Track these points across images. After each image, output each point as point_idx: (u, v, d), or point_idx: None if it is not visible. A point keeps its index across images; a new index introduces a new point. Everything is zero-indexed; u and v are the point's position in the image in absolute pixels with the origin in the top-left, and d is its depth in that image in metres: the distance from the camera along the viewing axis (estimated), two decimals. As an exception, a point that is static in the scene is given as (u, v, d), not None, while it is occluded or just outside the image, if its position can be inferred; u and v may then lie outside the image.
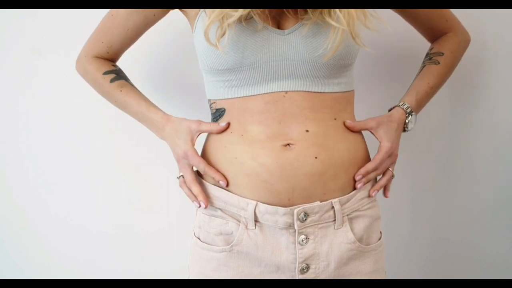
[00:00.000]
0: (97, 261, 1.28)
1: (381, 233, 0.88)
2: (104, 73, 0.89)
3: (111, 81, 0.89)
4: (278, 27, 0.79)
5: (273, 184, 0.77)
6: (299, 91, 0.79)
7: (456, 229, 1.32)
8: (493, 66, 1.20)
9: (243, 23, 0.76)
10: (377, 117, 0.87)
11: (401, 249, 1.32)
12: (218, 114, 0.83)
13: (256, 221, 0.80)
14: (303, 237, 0.79)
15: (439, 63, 0.94)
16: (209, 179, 0.84)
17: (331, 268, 0.81)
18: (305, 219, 0.78)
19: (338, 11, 0.73)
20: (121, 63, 0.95)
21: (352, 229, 0.82)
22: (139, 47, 0.94)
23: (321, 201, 0.79)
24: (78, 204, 1.24)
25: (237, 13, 0.73)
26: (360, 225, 0.84)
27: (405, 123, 0.89)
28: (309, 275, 0.80)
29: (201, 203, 0.82)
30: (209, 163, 0.83)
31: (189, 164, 0.85)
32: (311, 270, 0.80)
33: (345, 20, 0.73)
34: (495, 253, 1.32)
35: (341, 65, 0.80)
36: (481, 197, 1.29)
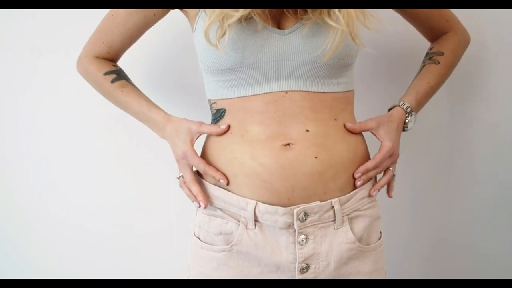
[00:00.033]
0: (97, 261, 1.28)
1: (381, 233, 0.88)
2: (105, 74, 0.89)
3: (112, 81, 0.89)
4: (278, 27, 0.79)
5: (272, 183, 0.77)
6: (299, 91, 0.79)
7: (456, 229, 1.32)
8: (493, 66, 1.20)
9: (243, 23, 0.76)
10: (377, 117, 0.87)
11: (401, 249, 1.32)
12: (218, 115, 0.83)
13: (256, 220, 0.80)
14: (303, 237, 0.79)
15: (439, 62, 0.94)
16: (209, 178, 0.84)
17: (331, 268, 0.81)
18: (305, 219, 0.78)
19: (338, 12, 0.73)
20: (121, 63, 0.95)
21: (352, 229, 0.82)
22: (139, 47, 0.94)
23: (321, 201, 0.79)
24: (78, 204, 1.24)
25: (237, 14, 0.72)
26: (360, 225, 0.84)
27: (405, 122, 0.89)
28: (309, 275, 0.80)
29: (201, 203, 0.82)
30: (209, 163, 0.83)
31: (188, 164, 0.85)
32: (310, 270, 0.80)
33: (344, 21, 0.73)
34: (495, 253, 1.32)
35: (341, 65, 0.80)
36: (481, 197, 1.29)
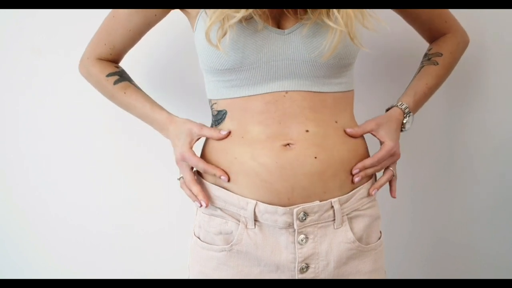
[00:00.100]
0: (97, 261, 1.28)
1: (381, 232, 0.88)
2: (108, 75, 0.89)
3: (114, 83, 0.89)
4: (278, 27, 0.79)
5: (272, 183, 0.77)
6: (299, 91, 0.79)
7: (456, 229, 1.32)
8: (493, 66, 1.20)
9: (244, 23, 0.76)
10: (375, 118, 0.87)
11: (401, 249, 1.32)
12: (219, 117, 0.83)
13: (255, 220, 0.80)
14: (302, 236, 0.79)
15: (437, 63, 0.94)
16: (210, 178, 0.84)
17: (330, 268, 0.81)
18: (305, 219, 0.78)
19: (336, 12, 0.73)
20: (121, 64, 0.95)
21: (351, 229, 0.82)
22: (139, 47, 0.93)
23: (320, 200, 0.79)
24: (78, 204, 1.24)
25: (238, 14, 0.72)
26: (359, 224, 0.84)
27: (402, 123, 0.89)
28: (309, 274, 0.80)
29: (202, 202, 0.82)
30: (208, 163, 0.83)
31: (188, 165, 0.85)
32: (310, 270, 0.80)
33: (343, 21, 0.73)
34: (495, 253, 1.32)
35: (341, 64, 0.79)
36: (481, 197, 1.29)
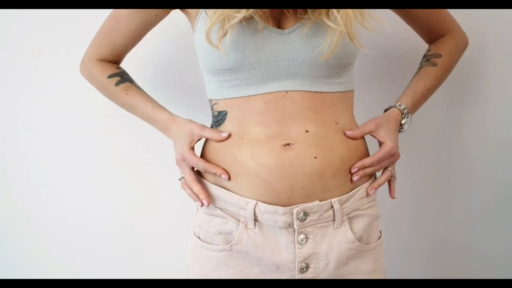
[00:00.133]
0: (97, 261, 1.28)
1: (381, 232, 0.88)
2: (109, 77, 0.89)
3: (116, 84, 0.89)
4: (278, 27, 0.79)
5: (272, 183, 0.77)
6: (299, 90, 0.79)
7: (456, 229, 1.32)
8: (492, 66, 1.20)
9: (244, 23, 0.76)
10: (374, 119, 0.87)
11: (401, 249, 1.32)
12: (220, 118, 0.83)
13: (255, 220, 0.80)
14: (302, 236, 0.79)
15: (436, 65, 0.94)
16: (210, 178, 0.84)
17: (330, 268, 0.81)
18: (305, 219, 0.78)
19: (336, 12, 0.73)
20: (122, 64, 0.94)
21: (351, 229, 0.82)
22: (140, 47, 0.93)
23: (320, 200, 0.79)
24: (78, 204, 1.24)
25: (239, 15, 0.72)
26: (359, 224, 0.84)
27: (400, 123, 0.89)
28: (309, 274, 0.80)
29: (203, 201, 0.82)
30: (208, 162, 0.83)
31: (188, 165, 0.85)
32: (310, 270, 0.80)
33: (342, 21, 0.73)
34: (495, 253, 1.32)
35: (341, 64, 0.79)
36: (481, 197, 1.29)
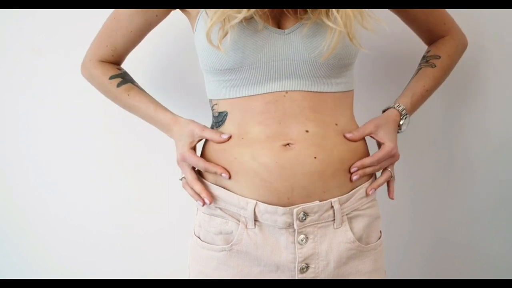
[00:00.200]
0: (97, 261, 1.28)
1: (380, 232, 0.88)
2: (110, 78, 0.89)
3: (117, 85, 0.89)
4: (278, 27, 0.79)
5: (272, 182, 0.77)
6: (299, 90, 0.79)
7: (456, 229, 1.32)
8: (492, 66, 1.20)
9: (244, 23, 0.76)
10: (373, 120, 0.87)
11: (401, 249, 1.32)
12: (220, 119, 0.83)
13: (255, 220, 0.80)
14: (302, 236, 0.79)
15: (435, 66, 0.94)
16: (210, 178, 0.84)
17: (330, 268, 0.81)
18: (305, 219, 0.78)
19: (336, 13, 0.73)
20: (122, 65, 0.94)
21: (351, 229, 0.82)
22: (140, 48, 0.93)
23: (320, 200, 0.79)
24: (78, 204, 1.24)
25: (240, 15, 0.72)
26: (359, 224, 0.84)
27: (399, 124, 0.89)
28: (309, 274, 0.80)
29: (205, 200, 0.82)
30: (209, 162, 0.83)
31: (189, 165, 0.85)
32: (310, 270, 0.80)
33: (342, 21, 0.73)
34: (495, 253, 1.32)
35: (342, 64, 0.79)
36: (481, 197, 1.29)
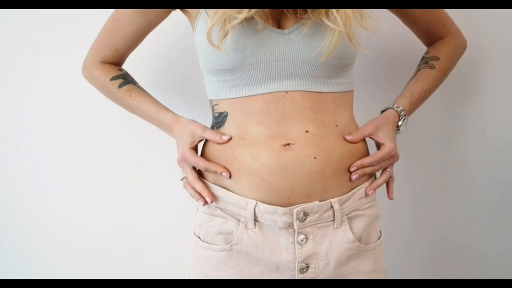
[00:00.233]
0: (97, 261, 1.28)
1: (380, 232, 0.88)
2: (112, 79, 0.90)
3: (119, 86, 0.90)
4: (278, 27, 0.79)
5: (272, 182, 0.77)
6: (299, 90, 0.79)
7: (456, 229, 1.32)
8: (490, 66, 1.20)
9: (244, 23, 0.75)
10: (373, 122, 0.87)
11: (401, 249, 1.32)
12: (220, 119, 0.83)
13: (255, 220, 0.80)
14: (302, 236, 0.79)
15: (434, 67, 0.94)
16: (210, 178, 0.84)
17: (330, 268, 0.81)
18: (305, 219, 0.78)
19: (335, 13, 0.73)
20: (123, 65, 0.95)
21: (351, 229, 0.82)
22: (140, 48, 0.93)
23: (320, 200, 0.79)
24: (78, 204, 1.24)
25: (241, 15, 0.72)
26: (359, 224, 0.84)
27: (397, 125, 0.89)
28: (309, 274, 0.80)
29: (207, 199, 0.82)
30: (209, 161, 0.83)
31: (189, 165, 0.85)
32: (310, 270, 0.80)
33: (342, 21, 0.73)
34: (495, 253, 1.32)
35: (342, 64, 0.79)
36: (481, 197, 1.29)
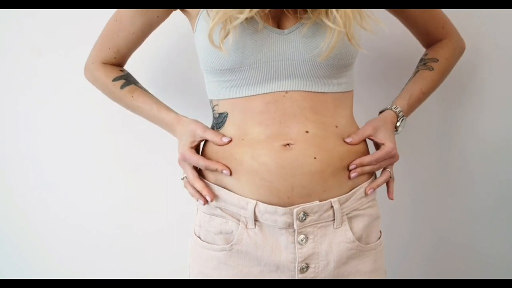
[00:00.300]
0: (97, 261, 1.28)
1: (380, 232, 0.88)
2: (114, 80, 0.90)
3: (121, 87, 0.90)
4: (278, 27, 0.79)
5: (272, 182, 0.77)
6: (299, 90, 0.79)
7: (456, 229, 1.32)
8: (488, 68, 1.20)
9: (244, 23, 0.75)
10: (371, 123, 0.87)
11: (401, 249, 1.32)
12: (220, 120, 0.83)
13: (256, 220, 0.80)
14: (302, 236, 0.79)
15: (433, 69, 0.94)
16: (210, 177, 0.84)
17: (330, 268, 0.81)
18: (305, 219, 0.78)
19: (335, 12, 0.73)
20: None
21: (351, 228, 0.82)
22: (141, 49, 0.94)
23: (320, 200, 0.79)
24: (78, 204, 1.24)
25: (242, 16, 0.72)
26: (359, 224, 0.84)
27: (395, 126, 0.89)
28: (309, 274, 0.80)
29: (207, 197, 0.82)
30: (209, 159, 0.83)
31: (189, 164, 0.85)
32: (310, 270, 0.81)
33: (341, 21, 0.73)
34: (495, 253, 1.32)
35: (341, 65, 0.79)
36: (481, 197, 1.29)
